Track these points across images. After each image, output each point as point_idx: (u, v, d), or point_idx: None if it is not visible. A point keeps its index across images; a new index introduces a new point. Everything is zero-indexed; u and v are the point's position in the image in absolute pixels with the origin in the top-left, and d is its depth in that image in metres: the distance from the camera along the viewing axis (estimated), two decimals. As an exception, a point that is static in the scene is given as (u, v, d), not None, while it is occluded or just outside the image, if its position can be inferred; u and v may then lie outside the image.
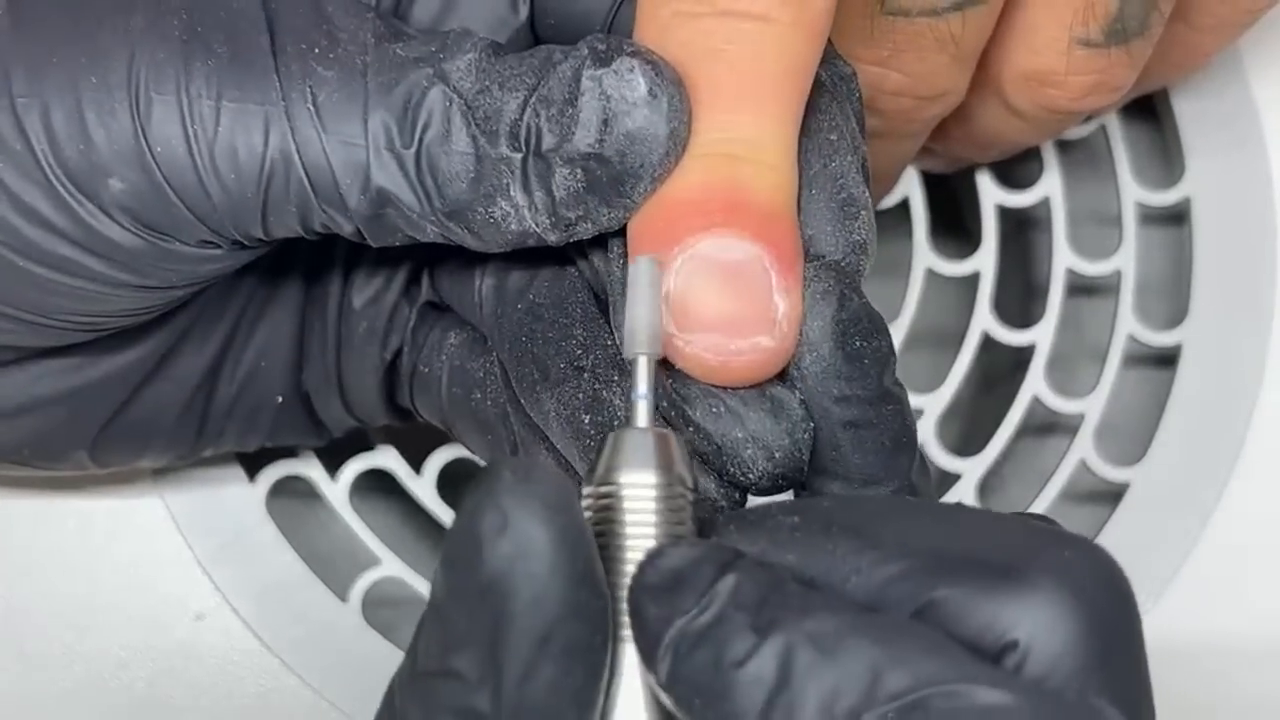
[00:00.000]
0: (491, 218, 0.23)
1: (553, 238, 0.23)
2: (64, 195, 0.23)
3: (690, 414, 0.23)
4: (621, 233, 0.24)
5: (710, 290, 0.22)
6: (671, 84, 0.22)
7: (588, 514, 0.21)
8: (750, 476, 0.23)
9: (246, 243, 0.24)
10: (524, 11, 0.26)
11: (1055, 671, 0.18)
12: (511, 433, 0.27)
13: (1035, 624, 0.18)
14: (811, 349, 0.23)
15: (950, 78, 0.30)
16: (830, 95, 0.24)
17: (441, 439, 0.35)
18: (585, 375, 0.24)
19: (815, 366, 0.23)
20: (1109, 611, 0.19)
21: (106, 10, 0.23)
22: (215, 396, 0.29)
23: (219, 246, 0.24)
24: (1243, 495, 0.35)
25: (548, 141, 0.22)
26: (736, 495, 0.24)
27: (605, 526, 0.21)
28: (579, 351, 0.25)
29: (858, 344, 0.23)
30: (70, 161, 0.23)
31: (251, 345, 0.29)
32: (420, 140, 0.23)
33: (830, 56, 0.25)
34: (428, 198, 0.23)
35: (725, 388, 0.23)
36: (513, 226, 0.23)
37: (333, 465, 0.34)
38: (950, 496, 0.35)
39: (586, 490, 0.21)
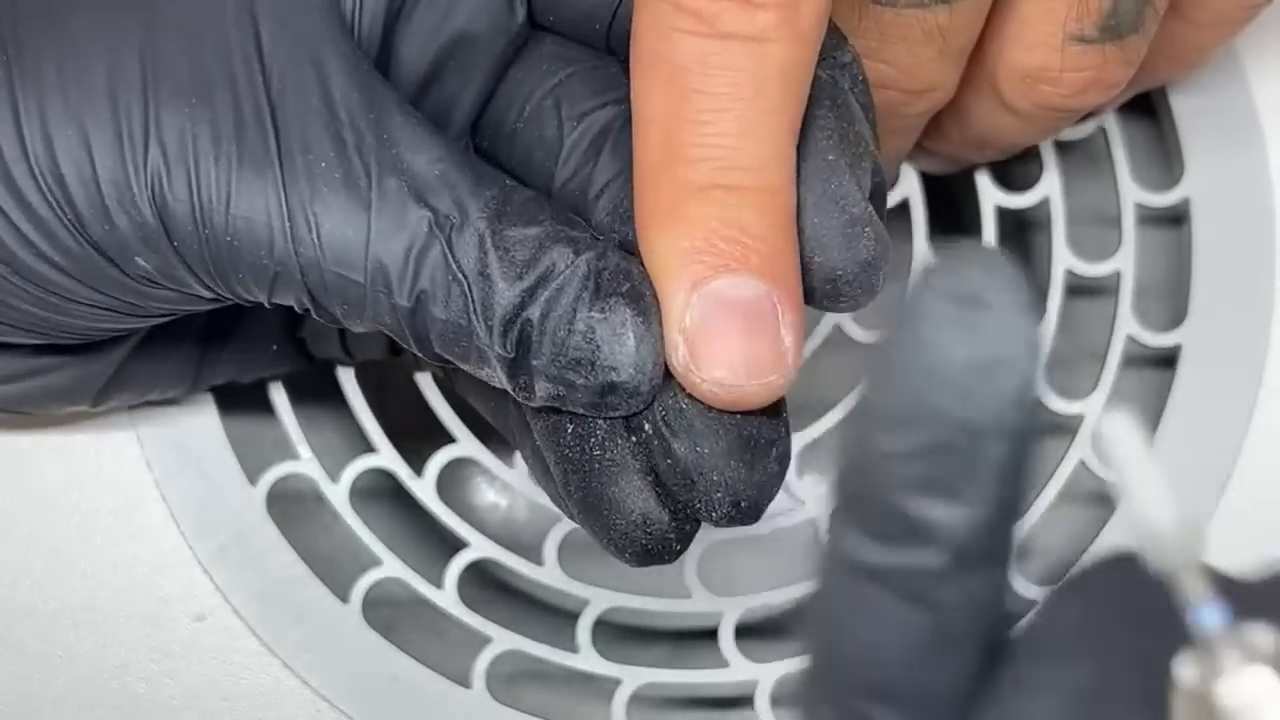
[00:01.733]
0: (473, 368, 0.24)
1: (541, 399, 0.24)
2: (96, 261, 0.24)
3: (673, 446, 0.24)
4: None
5: (729, 331, 0.23)
6: (654, 324, 0.23)
7: None
8: (712, 516, 0.24)
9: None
10: (521, 12, 0.26)
11: None
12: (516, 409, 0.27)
13: None
14: None
15: (938, 72, 0.30)
16: (829, 104, 0.24)
17: (443, 440, 0.35)
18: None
19: None
20: None
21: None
22: (210, 348, 0.31)
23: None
24: (1242, 496, 0.35)
25: (536, 361, 0.23)
26: (688, 526, 0.25)
27: None
28: None
29: None
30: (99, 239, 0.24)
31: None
32: (417, 300, 0.23)
33: (829, 48, 0.25)
34: (416, 343, 0.24)
35: (711, 426, 0.24)
36: (494, 384, 0.24)
37: (333, 466, 0.34)
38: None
39: None
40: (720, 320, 0.23)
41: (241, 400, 0.35)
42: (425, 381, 0.35)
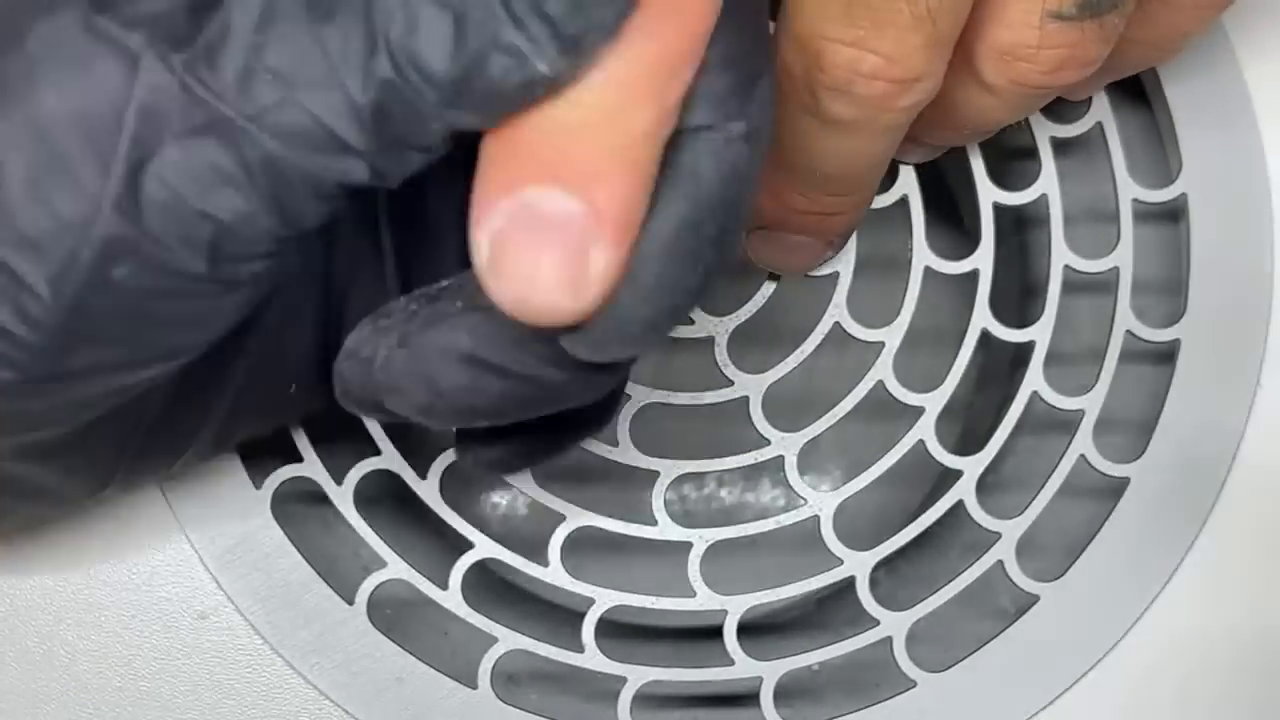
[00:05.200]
0: (491, 79, 0.21)
1: (563, 67, 0.21)
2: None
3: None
4: None
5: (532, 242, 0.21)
6: None
7: None
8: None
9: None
10: None
11: None
12: None
13: None
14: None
15: (926, 60, 0.29)
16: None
17: (447, 443, 0.35)
18: None
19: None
20: None
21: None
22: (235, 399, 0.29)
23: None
24: (1241, 491, 0.35)
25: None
26: None
27: None
28: None
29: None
30: None
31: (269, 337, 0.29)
32: (390, 44, 0.21)
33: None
34: (419, 94, 0.21)
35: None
36: (515, 78, 0.21)
37: (338, 469, 0.34)
38: (950, 494, 0.35)
39: None
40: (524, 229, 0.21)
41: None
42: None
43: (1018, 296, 0.39)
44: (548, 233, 0.21)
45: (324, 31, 0.21)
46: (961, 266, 0.36)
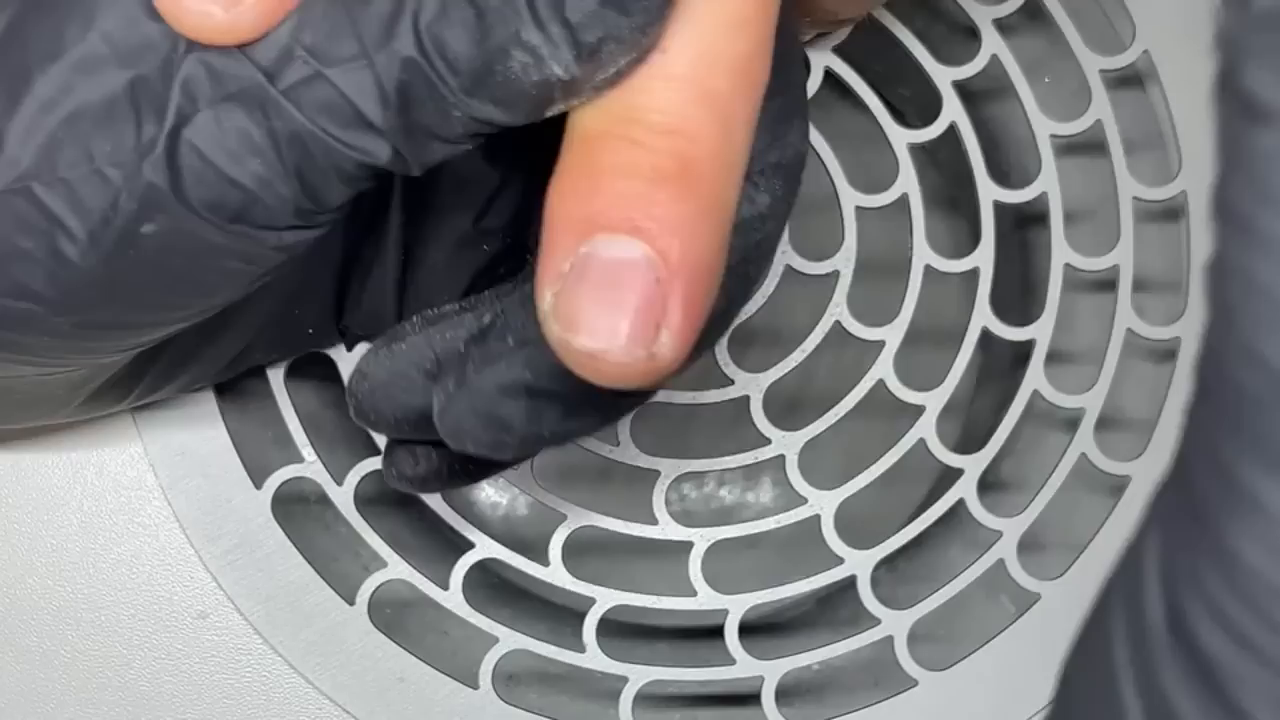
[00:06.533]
0: (511, 74, 0.21)
1: (579, 74, 0.21)
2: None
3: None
4: None
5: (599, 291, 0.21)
6: None
7: None
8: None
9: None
10: None
11: None
12: None
13: None
14: None
15: None
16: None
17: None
18: None
19: None
20: None
21: None
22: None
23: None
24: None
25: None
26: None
27: None
28: None
29: None
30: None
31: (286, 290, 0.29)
32: (418, 25, 0.21)
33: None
34: (443, 79, 0.21)
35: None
36: (533, 76, 0.21)
37: (338, 468, 0.34)
38: (951, 493, 0.35)
39: None
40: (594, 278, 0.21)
41: (245, 404, 0.35)
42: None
43: (1018, 295, 0.39)
44: (620, 289, 0.21)
45: (359, 13, 0.21)
46: (962, 265, 0.36)
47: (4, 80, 0.22)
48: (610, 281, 0.21)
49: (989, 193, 0.37)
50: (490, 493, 0.41)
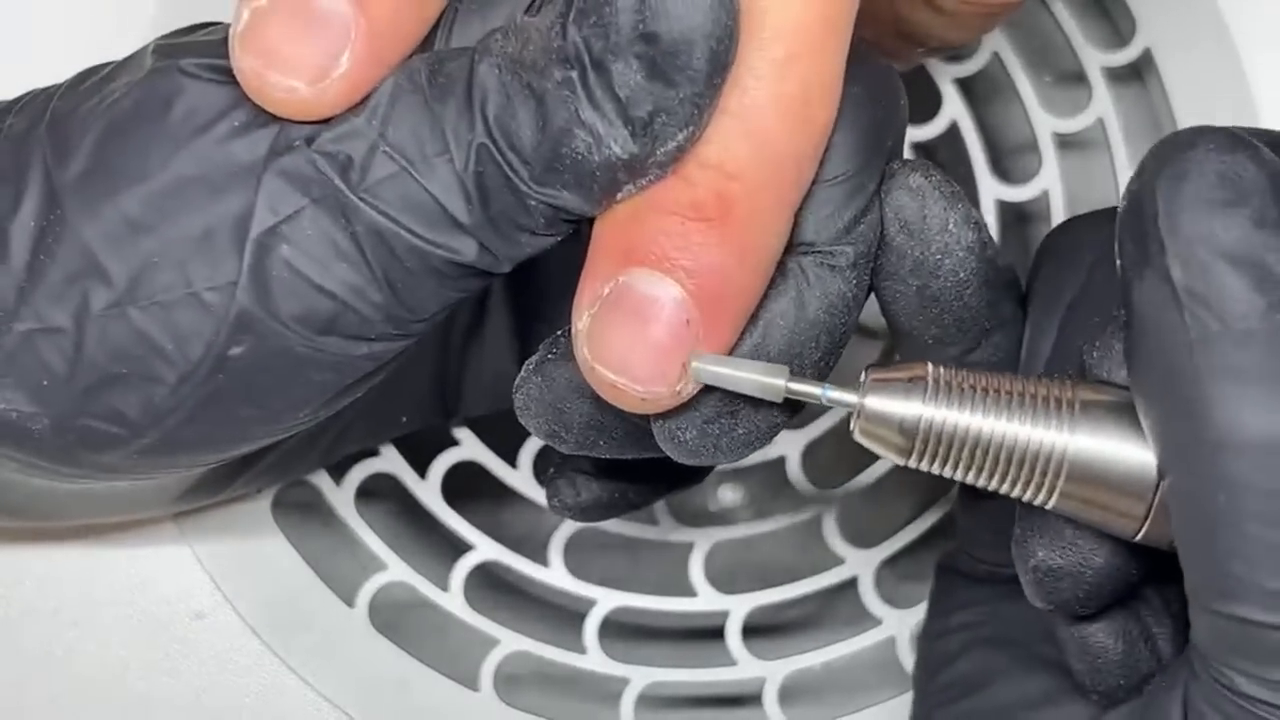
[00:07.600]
0: (577, 154, 0.22)
1: (636, 150, 0.22)
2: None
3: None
4: None
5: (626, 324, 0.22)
6: None
7: None
8: None
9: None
10: None
11: None
12: None
13: None
14: None
15: None
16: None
17: (445, 443, 0.35)
18: None
19: None
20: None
21: None
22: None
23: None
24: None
25: (596, 48, 0.21)
26: None
27: None
28: None
29: None
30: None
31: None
32: (486, 119, 0.22)
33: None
34: (513, 169, 0.22)
35: None
36: (595, 158, 0.22)
37: (338, 470, 0.34)
38: (953, 492, 0.35)
39: None
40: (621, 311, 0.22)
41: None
42: (428, 384, 0.35)
43: (1020, 293, 0.39)
44: (648, 325, 0.21)
45: (440, 109, 0.22)
46: (963, 263, 0.36)
47: (93, 200, 0.22)
48: (640, 316, 0.21)
49: (991, 190, 0.37)
50: (490, 494, 0.41)
